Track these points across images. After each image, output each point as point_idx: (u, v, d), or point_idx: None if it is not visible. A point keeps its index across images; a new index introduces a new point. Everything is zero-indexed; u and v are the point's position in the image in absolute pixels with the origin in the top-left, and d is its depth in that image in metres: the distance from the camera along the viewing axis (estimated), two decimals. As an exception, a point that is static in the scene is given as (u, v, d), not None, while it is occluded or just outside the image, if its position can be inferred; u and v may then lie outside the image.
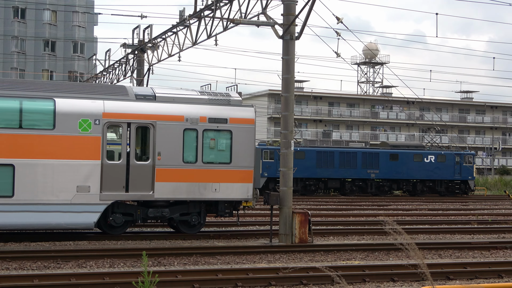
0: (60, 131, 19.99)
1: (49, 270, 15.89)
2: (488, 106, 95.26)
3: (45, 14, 77.25)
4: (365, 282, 15.09)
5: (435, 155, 55.46)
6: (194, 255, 18.39)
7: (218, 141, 21.80)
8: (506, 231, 26.93)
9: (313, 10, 20.95)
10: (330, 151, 53.46)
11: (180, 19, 30.40)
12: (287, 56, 21.70)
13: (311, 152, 52.42)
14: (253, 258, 18.48)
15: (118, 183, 20.56)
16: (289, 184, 21.44)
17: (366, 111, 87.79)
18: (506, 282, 15.52)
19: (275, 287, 14.32)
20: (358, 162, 52.98)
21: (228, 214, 22.40)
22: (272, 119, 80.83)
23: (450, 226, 28.29)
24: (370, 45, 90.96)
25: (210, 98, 22.04)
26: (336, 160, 52.79)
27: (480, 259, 19.45)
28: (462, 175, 56.16)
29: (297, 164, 51.31)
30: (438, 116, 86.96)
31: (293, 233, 20.95)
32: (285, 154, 21.66)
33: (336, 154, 53.16)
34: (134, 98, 21.24)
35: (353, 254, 19.54)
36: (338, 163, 52.75)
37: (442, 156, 55.52)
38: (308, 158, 51.76)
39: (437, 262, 18.29)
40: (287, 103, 21.68)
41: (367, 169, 53.56)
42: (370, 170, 53.61)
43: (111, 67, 43.06)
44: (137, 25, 36.85)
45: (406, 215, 34.08)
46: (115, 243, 20.57)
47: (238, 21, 23.54)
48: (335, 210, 36.37)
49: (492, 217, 33.91)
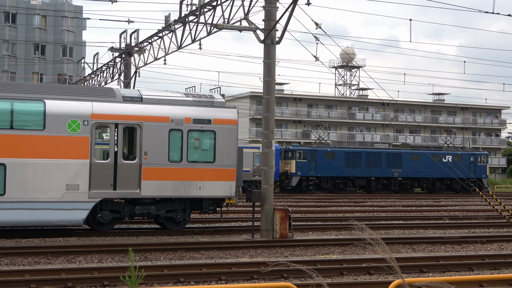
0: (50, 132, 19.87)
1: (39, 266, 15.78)
2: (459, 108, 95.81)
3: (35, 19, 76.83)
4: (343, 275, 15.10)
5: (452, 155, 57.32)
6: (180, 250, 18.35)
7: (202, 141, 21.77)
8: (476, 226, 27.10)
9: (293, 16, 21.00)
10: (358, 152, 55.11)
11: (165, 24, 30.31)
12: (268, 60, 21.70)
13: (340, 153, 53.76)
14: (236, 253, 18.46)
15: (106, 182, 20.47)
16: (270, 182, 21.44)
17: (343, 112, 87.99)
18: (476, 275, 15.62)
19: (257, 280, 14.31)
20: (383, 162, 54.66)
21: (212, 211, 22.39)
22: (254, 120, 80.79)
23: (423, 222, 28.42)
24: (347, 50, 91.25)
25: (195, 100, 22.02)
26: (363, 160, 54.34)
27: (451, 253, 19.54)
28: (477, 174, 57.96)
29: (328, 164, 53.32)
30: (411, 117, 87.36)
31: (274, 229, 20.96)
32: (266, 153, 21.65)
33: (363, 155, 54.84)
34: (121, 100, 21.16)
35: (331, 249, 19.57)
36: (365, 163, 54.27)
37: (458, 156, 57.53)
38: (338, 158, 53.25)
39: (411, 256, 18.37)
40: (268, 104, 21.68)
41: (391, 169, 55.32)
42: (394, 169, 55.38)
43: (99, 70, 42.83)
44: (124, 30, 36.65)
45: (381, 211, 34.22)
46: (103, 239, 20.47)
47: (222, 26, 23.51)
48: (314, 207, 36.49)
49: (463, 213, 34.12)
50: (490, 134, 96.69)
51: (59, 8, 77.33)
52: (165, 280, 13.87)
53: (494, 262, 16.94)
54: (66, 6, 77.84)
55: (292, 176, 53.06)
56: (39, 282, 13.16)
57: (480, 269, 16.33)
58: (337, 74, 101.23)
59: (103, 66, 41.97)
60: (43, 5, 77.25)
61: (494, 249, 20.79)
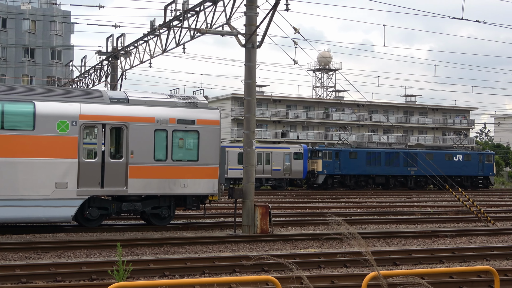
0: (40, 132, 19.73)
1: (30, 261, 15.67)
2: (430, 109, 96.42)
3: (25, 23, 76.29)
4: (321, 268, 15.14)
5: (462, 154, 59.63)
6: (165, 245, 18.30)
7: (186, 141, 21.72)
8: (446, 221, 27.29)
9: (273, 21, 21.04)
10: (378, 152, 56.89)
11: (151, 28, 30.23)
12: (249, 63, 21.71)
13: (362, 153, 55.39)
14: (219, 247, 18.45)
15: (94, 180, 20.37)
16: (251, 179, 21.46)
17: (320, 113, 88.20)
18: (446, 267, 15.74)
19: (239, 273, 14.31)
20: (400, 161, 56.08)
21: (196, 207, 22.36)
22: (236, 120, 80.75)
23: (396, 217, 28.56)
24: (324, 53, 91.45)
25: (179, 101, 21.97)
26: (382, 159, 55.90)
27: (423, 246, 19.66)
28: (485, 172, 60.39)
29: (351, 163, 55.02)
30: (385, 118, 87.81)
31: (255, 224, 20.97)
32: (247, 152, 21.67)
33: (383, 154, 56.60)
34: (108, 101, 21.05)
35: (309, 243, 19.61)
36: (384, 162, 55.80)
37: (468, 156, 59.62)
38: (360, 158, 55.16)
39: (385, 249, 18.46)
40: (249, 105, 21.69)
41: (408, 167, 56.83)
42: (410, 167, 56.87)
43: (87, 73, 42.61)
44: (111, 34, 36.48)
45: (357, 207, 34.36)
46: (91, 235, 20.37)
47: (205, 30, 23.50)
48: (293, 203, 36.51)
49: (434, 208, 34.34)
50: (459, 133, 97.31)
51: (48, 13, 76.85)
52: (151, 274, 13.83)
53: (463, 255, 17.07)
54: (55, 11, 77.34)
55: (318, 174, 54.86)
56: (29, 277, 13.07)
57: (450, 262, 16.46)
58: (315, 77, 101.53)
59: (90, 69, 41.78)
60: (32, 10, 76.63)
61: (463, 242, 20.95)
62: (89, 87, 41.50)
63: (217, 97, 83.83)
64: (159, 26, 28.37)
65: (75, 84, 46.93)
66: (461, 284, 13.08)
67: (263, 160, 52.43)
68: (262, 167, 52.24)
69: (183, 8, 25.76)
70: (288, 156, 53.00)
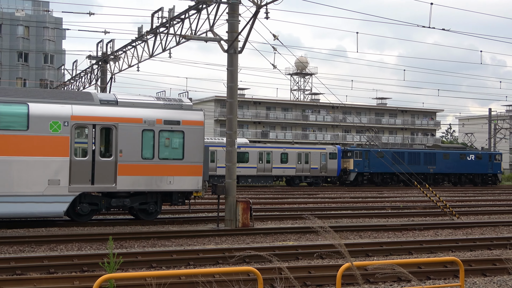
0: (33, 132, 19.56)
1: (24, 253, 15.54)
2: (399, 111, 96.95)
3: (19, 29, 75.66)
4: (298, 260, 15.17)
5: (474, 154, 62.33)
6: (152, 238, 18.24)
7: (172, 140, 21.64)
8: (414, 215, 27.47)
9: (254, 28, 21.02)
10: (401, 152, 59.28)
11: (138, 34, 30.08)
12: (231, 68, 21.69)
13: (388, 153, 56.96)
14: (203, 240, 18.42)
15: (85, 177, 20.24)
16: (233, 177, 21.44)
17: (298, 114, 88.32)
18: (415, 258, 15.83)
19: (222, 265, 14.30)
20: (421, 160, 58.66)
21: (181, 203, 22.29)
22: (218, 121, 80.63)
23: (368, 212, 28.71)
24: (301, 59, 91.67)
25: (165, 103, 21.89)
26: (405, 159, 57.81)
27: (393, 239, 19.76)
28: (494, 170, 63.36)
29: (379, 162, 56.07)
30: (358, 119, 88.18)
31: (237, 219, 20.97)
32: (230, 151, 21.65)
33: (406, 154, 58.99)
34: (98, 103, 20.93)
35: (288, 236, 19.64)
36: (407, 161, 57.57)
37: (479, 155, 62.31)
38: (386, 157, 56.66)
39: (358, 241, 18.50)
40: (231, 107, 21.67)
41: (427, 166, 59.65)
42: (430, 166, 59.75)
43: (78, 76, 42.26)
44: (101, 40, 36.27)
45: (332, 203, 34.44)
46: (82, 229, 20.23)
47: (189, 37, 23.43)
48: (272, 199, 36.52)
49: (403, 203, 34.55)
50: (426, 134, 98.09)
51: (41, 20, 76.27)
52: (139, 266, 13.77)
53: (431, 246, 17.19)
54: (47, 17, 76.74)
55: (350, 172, 57.27)
56: (23, 269, 12.95)
57: (418, 253, 16.56)
58: (292, 81, 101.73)
59: (81, 72, 41.45)
60: (26, 17, 76.14)
61: (430, 235, 21.10)
62: (80, 89, 41.17)
63: (201, 99, 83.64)
64: (147, 32, 28.25)
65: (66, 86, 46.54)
66: (428, 274, 13.16)
67: (303, 160, 54.70)
68: (301, 166, 54.39)
69: (169, 16, 25.69)
70: (324, 155, 55.49)
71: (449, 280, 12.97)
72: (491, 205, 34.81)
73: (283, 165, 53.63)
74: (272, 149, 53.96)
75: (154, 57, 29.02)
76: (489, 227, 23.15)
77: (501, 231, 22.34)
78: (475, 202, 37.74)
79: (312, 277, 12.49)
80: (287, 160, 53.56)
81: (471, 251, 17.19)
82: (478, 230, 22.46)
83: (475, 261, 14.46)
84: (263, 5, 20.54)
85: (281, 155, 53.32)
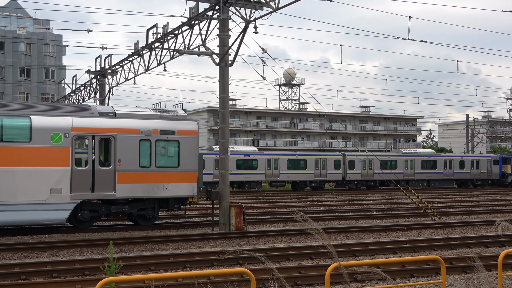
0: (36, 143, 19.48)
1: (28, 259, 15.44)
2: (382, 118, 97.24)
3: (21, 46, 75.56)
4: (289, 261, 15.16)
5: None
6: (150, 243, 18.17)
7: (168, 149, 21.61)
8: (398, 216, 27.52)
9: (243, 43, 21.05)
10: None
11: (134, 50, 30.07)
12: (223, 80, 21.70)
13: None
14: (198, 244, 18.37)
15: (85, 185, 20.16)
16: (226, 183, 21.41)
17: (286, 123, 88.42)
18: (399, 257, 15.86)
19: (217, 267, 14.26)
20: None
21: (177, 208, 22.24)
22: (212, 130, 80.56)
23: (355, 214, 28.73)
24: (289, 70, 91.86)
25: (161, 114, 21.87)
26: None
27: (379, 239, 19.78)
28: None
29: None
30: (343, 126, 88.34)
31: (231, 223, 20.93)
32: (222, 158, 21.63)
33: None
34: (97, 115, 20.88)
35: (279, 238, 19.63)
36: None
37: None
38: None
39: (345, 242, 18.51)
40: (224, 117, 21.67)
41: None
42: None
43: (78, 90, 42.17)
44: (99, 55, 36.25)
45: (320, 205, 34.43)
46: (83, 235, 20.14)
47: (183, 51, 23.43)
48: (263, 203, 36.47)
49: (388, 205, 34.59)
50: (408, 139, 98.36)
51: (42, 37, 76.19)
52: (138, 269, 13.72)
53: (414, 246, 17.21)
54: (48, 35, 76.65)
55: (508, 176, 64.27)
56: (28, 274, 12.88)
57: (402, 252, 16.58)
58: (281, 91, 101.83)
59: (81, 86, 41.37)
60: (28, 34, 76.04)
61: (413, 235, 21.14)
62: (80, 102, 41.08)
63: (195, 110, 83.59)
64: (142, 47, 28.26)
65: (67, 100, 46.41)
66: (412, 272, 13.18)
67: (475, 165, 61.97)
68: (473, 170, 61.95)
69: (163, 32, 25.71)
70: (489, 162, 62.90)
71: (431, 277, 12.99)
72: (470, 205, 34.91)
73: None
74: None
75: (150, 71, 29.06)
76: (468, 227, 23.22)
77: (480, 230, 22.42)
78: (455, 203, 37.83)
79: (302, 276, 12.48)
80: None
81: (452, 249, 17.23)
82: (458, 229, 22.52)
83: (455, 259, 14.49)
84: (252, 20, 20.60)
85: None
